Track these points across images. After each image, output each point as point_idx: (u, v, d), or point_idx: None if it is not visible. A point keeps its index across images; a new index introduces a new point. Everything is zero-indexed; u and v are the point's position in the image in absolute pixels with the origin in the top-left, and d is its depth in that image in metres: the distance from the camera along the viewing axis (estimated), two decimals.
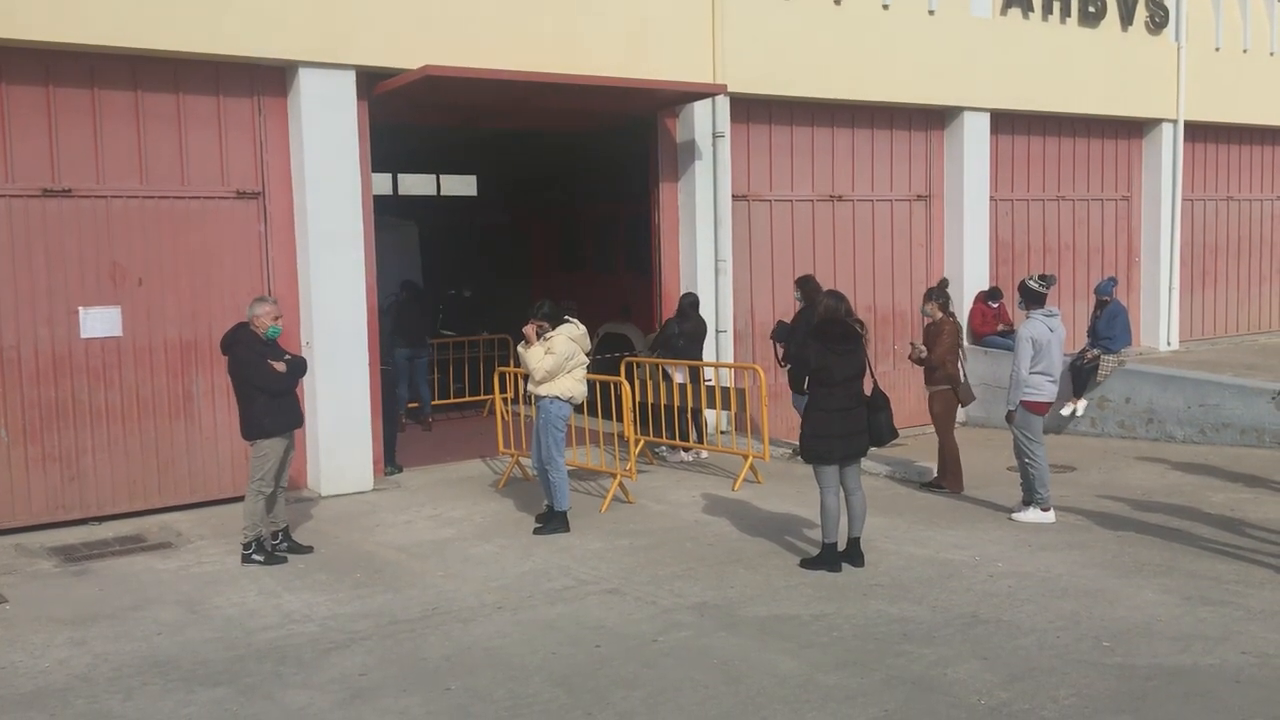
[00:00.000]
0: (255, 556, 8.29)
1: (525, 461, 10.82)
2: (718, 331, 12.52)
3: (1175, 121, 16.70)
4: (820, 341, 7.80)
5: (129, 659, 6.50)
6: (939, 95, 14.11)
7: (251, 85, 10.10)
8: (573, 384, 9.13)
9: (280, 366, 8.21)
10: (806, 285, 11.90)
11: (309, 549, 8.58)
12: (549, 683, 6.00)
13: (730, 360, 12.56)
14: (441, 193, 20.91)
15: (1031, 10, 14.82)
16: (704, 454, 11.79)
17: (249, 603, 7.46)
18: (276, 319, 8.32)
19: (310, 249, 10.19)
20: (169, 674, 6.26)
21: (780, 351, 11.84)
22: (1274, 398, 11.78)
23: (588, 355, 9.33)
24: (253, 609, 7.33)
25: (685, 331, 11.68)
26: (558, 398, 9.05)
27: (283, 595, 7.59)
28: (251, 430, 8.22)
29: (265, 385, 8.13)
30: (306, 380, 9.74)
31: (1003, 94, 14.65)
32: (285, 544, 8.53)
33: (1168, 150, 16.76)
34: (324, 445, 10.35)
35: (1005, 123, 15.06)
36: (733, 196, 12.79)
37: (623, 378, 10.48)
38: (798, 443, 11.73)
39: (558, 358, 9.00)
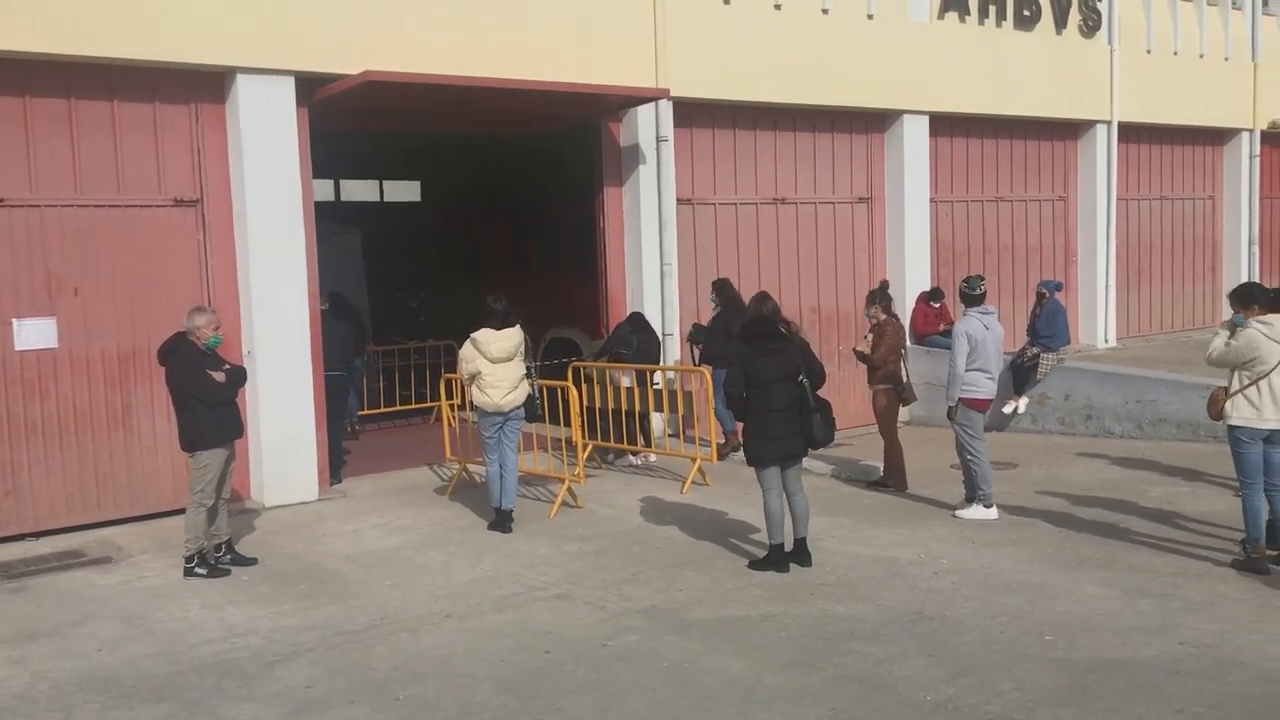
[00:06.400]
0: (198, 569, 8.17)
1: (473, 468, 10.78)
2: (664, 335, 12.55)
3: (1109, 123, 17.01)
4: (747, 343, 7.86)
5: (69, 676, 6.38)
6: (879, 99, 14.26)
7: (188, 92, 9.96)
8: (477, 393, 9.26)
9: (220, 376, 8.11)
10: (723, 289, 12.00)
11: (253, 561, 8.48)
12: (498, 690, 5.98)
13: (676, 363, 12.59)
14: (385, 199, 20.75)
15: (968, 14, 15.04)
16: (652, 458, 11.81)
17: (191, 616, 7.35)
18: (216, 329, 8.23)
19: (251, 257, 10.07)
20: (110, 691, 6.15)
21: (698, 354, 11.91)
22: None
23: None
24: (195, 623, 7.22)
25: (642, 341, 11.69)
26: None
27: (226, 608, 7.49)
28: (191, 441, 8.11)
29: (205, 396, 8.02)
30: (249, 390, 9.62)
31: (941, 97, 14.84)
32: (229, 556, 8.41)
33: (1102, 151, 17.07)
34: (267, 455, 10.22)
35: (944, 125, 15.25)
36: (677, 200, 12.83)
37: (570, 383, 10.47)
38: (722, 439, 11.88)
39: (459, 362, 9.37)
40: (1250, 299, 7.76)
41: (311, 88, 10.37)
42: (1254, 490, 7.55)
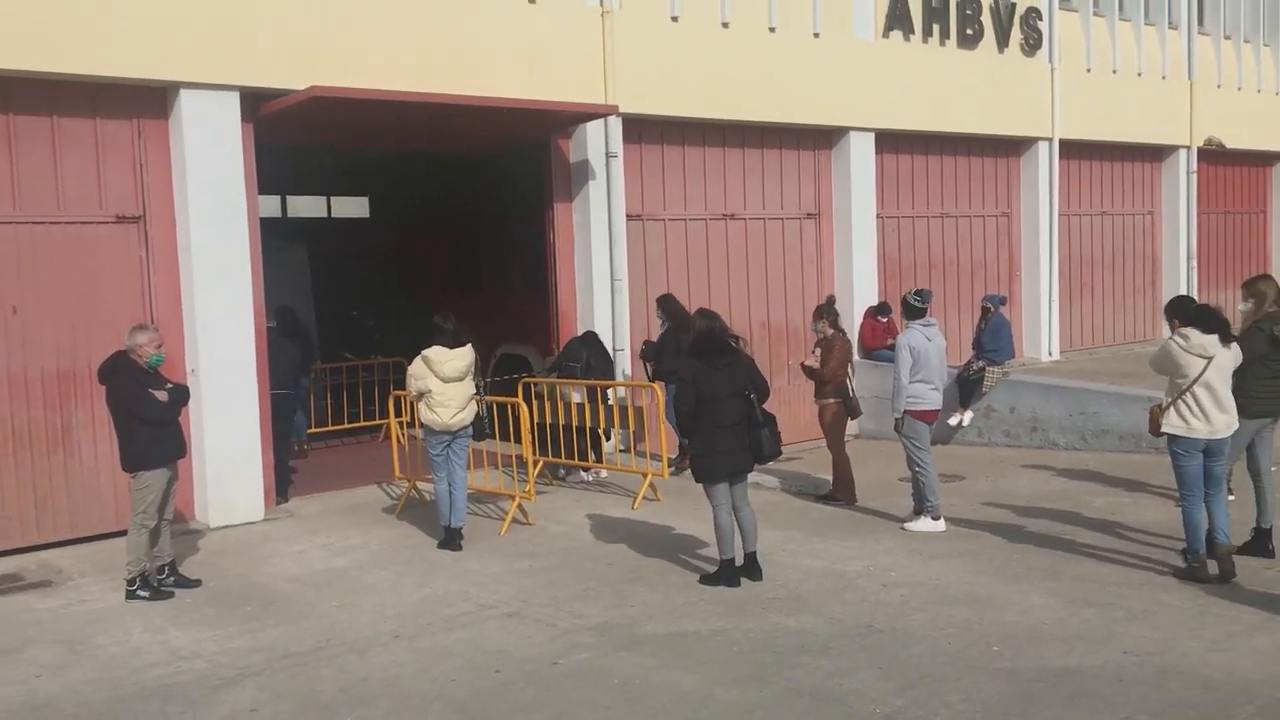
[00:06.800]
0: (140, 592, 8.03)
1: (422, 486, 10.70)
2: (615, 350, 12.55)
3: (1051, 140, 17.31)
4: (697, 358, 7.89)
5: (6, 703, 6.23)
6: (825, 115, 14.41)
7: (130, 107, 9.83)
8: (425, 411, 9.20)
9: (162, 395, 7.99)
10: (669, 304, 12.01)
11: (197, 583, 8.34)
12: (448, 711, 5.93)
13: (628, 379, 12.60)
14: (333, 215, 20.56)
15: (912, 32, 15.24)
16: (604, 473, 11.80)
17: (134, 640, 7.21)
18: (159, 347, 8.10)
19: (194, 274, 9.94)
20: (49, 717, 6.02)
21: (650, 370, 11.94)
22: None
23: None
24: (138, 646, 7.09)
25: (593, 356, 11.68)
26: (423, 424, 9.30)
27: (169, 631, 7.36)
28: (132, 462, 7.97)
29: (147, 415, 7.89)
30: (193, 409, 9.49)
31: (887, 114, 15.02)
32: (172, 578, 8.27)
33: (1044, 167, 17.36)
34: (212, 475, 10.07)
35: (890, 142, 15.42)
36: (627, 216, 12.85)
37: (520, 399, 10.44)
38: (675, 454, 11.90)
39: (408, 379, 9.30)
40: (1172, 313, 7.97)
41: (257, 103, 10.28)
42: (1193, 502, 7.68)
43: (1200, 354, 7.52)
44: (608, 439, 11.86)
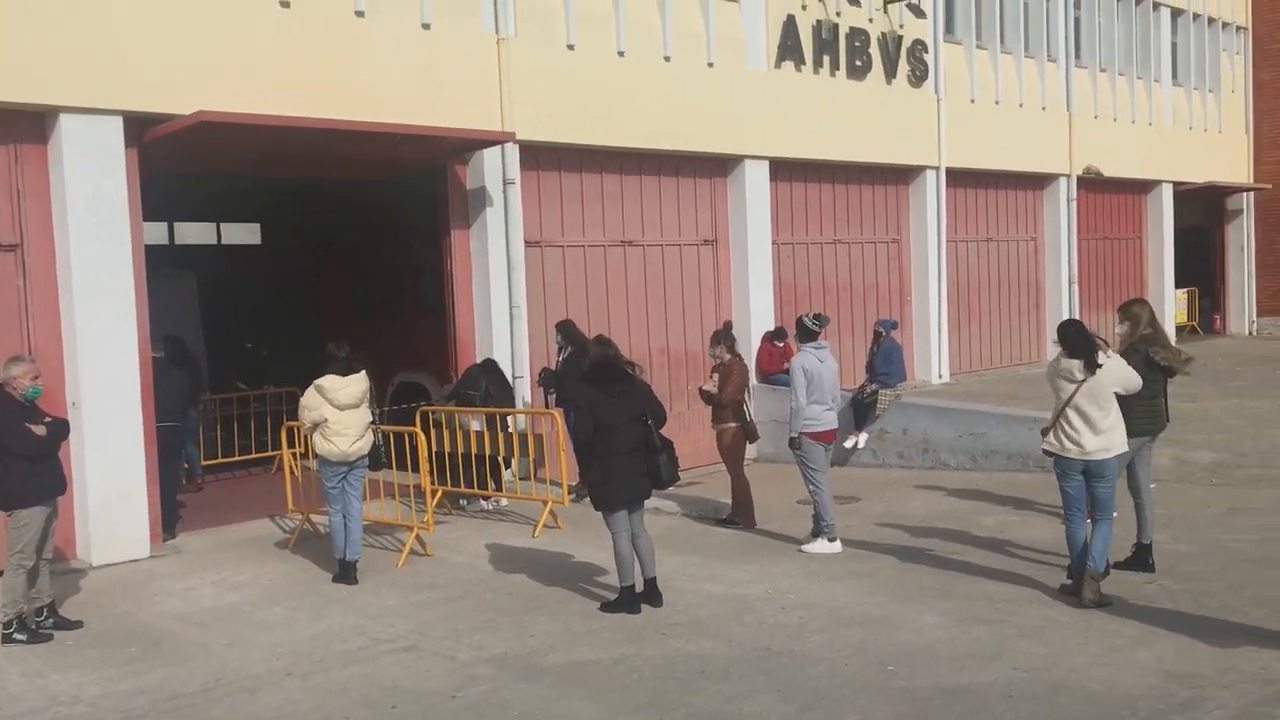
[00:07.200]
0: (17, 635, 7.69)
1: (316, 518, 10.47)
2: (514, 377, 12.48)
3: (938, 168, 17.81)
4: (594, 385, 7.91)
5: None
6: (720, 144, 14.60)
7: (7, 131, 9.48)
8: (320, 441, 9.05)
9: (40, 430, 7.69)
10: (568, 330, 12.05)
11: (78, 624, 8.02)
12: None
13: (527, 406, 12.53)
14: (223, 241, 20.10)
15: (803, 63, 15.56)
16: (504, 502, 11.70)
17: (10, 686, 6.90)
18: (35, 378, 7.80)
19: (75, 303, 9.61)
20: None
21: (551, 398, 11.93)
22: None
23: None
24: (14, 693, 6.79)
25: (492, 383, 11.60)
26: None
27: (48, 676, 7.06)
28: (8, 500, 7.66)
29: (23, 450, 7.59)
30: (74, 443, 9.16)
31: (780, 143, 15.29)
32: (51, 620, 7.94)
33: (931, 195, 17.84)
34: (94, 511, 9.71)
35: (784, 170, 15.69)
36: (525, 243, 12.82)
37: (418, 427, 10.30)
38: (575, 481, 11.87)
39: (301, 410, 9.14)
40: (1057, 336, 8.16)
41: (142, 128, 10.00)
42: (1075, 520, 7.90)
43: (1067, 378, 7.78)
44: (507, 467, 11.78)
